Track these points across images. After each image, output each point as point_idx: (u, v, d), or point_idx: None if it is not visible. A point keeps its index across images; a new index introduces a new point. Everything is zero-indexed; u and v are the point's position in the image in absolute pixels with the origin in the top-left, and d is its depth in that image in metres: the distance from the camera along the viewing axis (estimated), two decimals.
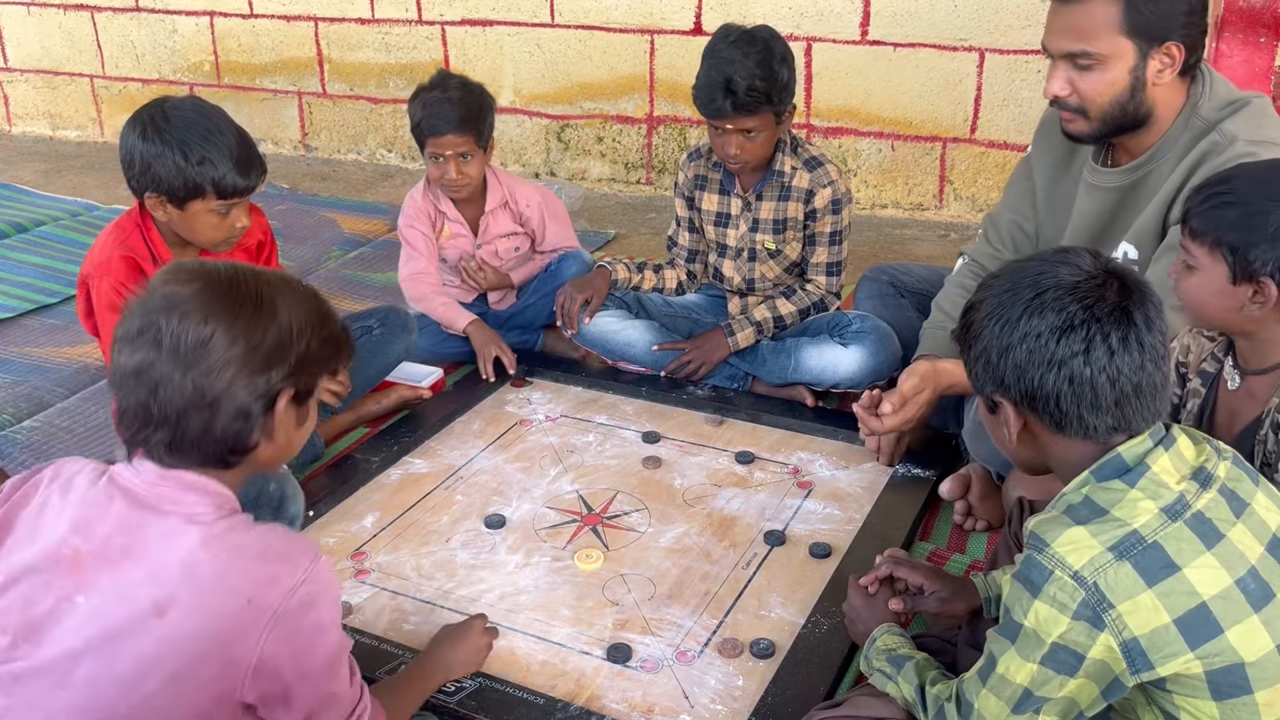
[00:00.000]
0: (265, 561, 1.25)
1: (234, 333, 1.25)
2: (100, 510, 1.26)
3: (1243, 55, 2.93)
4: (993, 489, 2.15)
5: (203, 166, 2.06)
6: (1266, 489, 1.27)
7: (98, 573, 1.23)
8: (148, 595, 1.21)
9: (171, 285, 1.27)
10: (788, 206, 2.66)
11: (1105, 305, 1.23)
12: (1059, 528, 1.20)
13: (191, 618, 1.21)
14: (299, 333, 1.30)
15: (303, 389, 1.33)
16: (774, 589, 1.99)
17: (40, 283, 3.57)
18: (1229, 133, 1.86)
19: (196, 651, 1.21)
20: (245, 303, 1.27)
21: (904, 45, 3.86)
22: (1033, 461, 1.36)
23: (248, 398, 1.26)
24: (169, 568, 1.22)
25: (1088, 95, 1.91)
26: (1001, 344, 1.26)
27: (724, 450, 2.45)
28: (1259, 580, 1.18)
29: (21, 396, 2.81)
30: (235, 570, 1.24)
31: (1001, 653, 1.24)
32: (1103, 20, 1.85)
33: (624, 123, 4.39)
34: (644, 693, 1.76)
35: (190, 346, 1.23)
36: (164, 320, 1.24)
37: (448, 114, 2.70)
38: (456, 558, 2.12)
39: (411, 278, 2.88)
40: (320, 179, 4.79)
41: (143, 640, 1.21)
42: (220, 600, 1.22)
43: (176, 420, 1.24)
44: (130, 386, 1.25)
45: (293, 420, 1.34)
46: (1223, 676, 1.17)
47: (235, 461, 1.30)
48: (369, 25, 4.71)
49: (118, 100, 5.38)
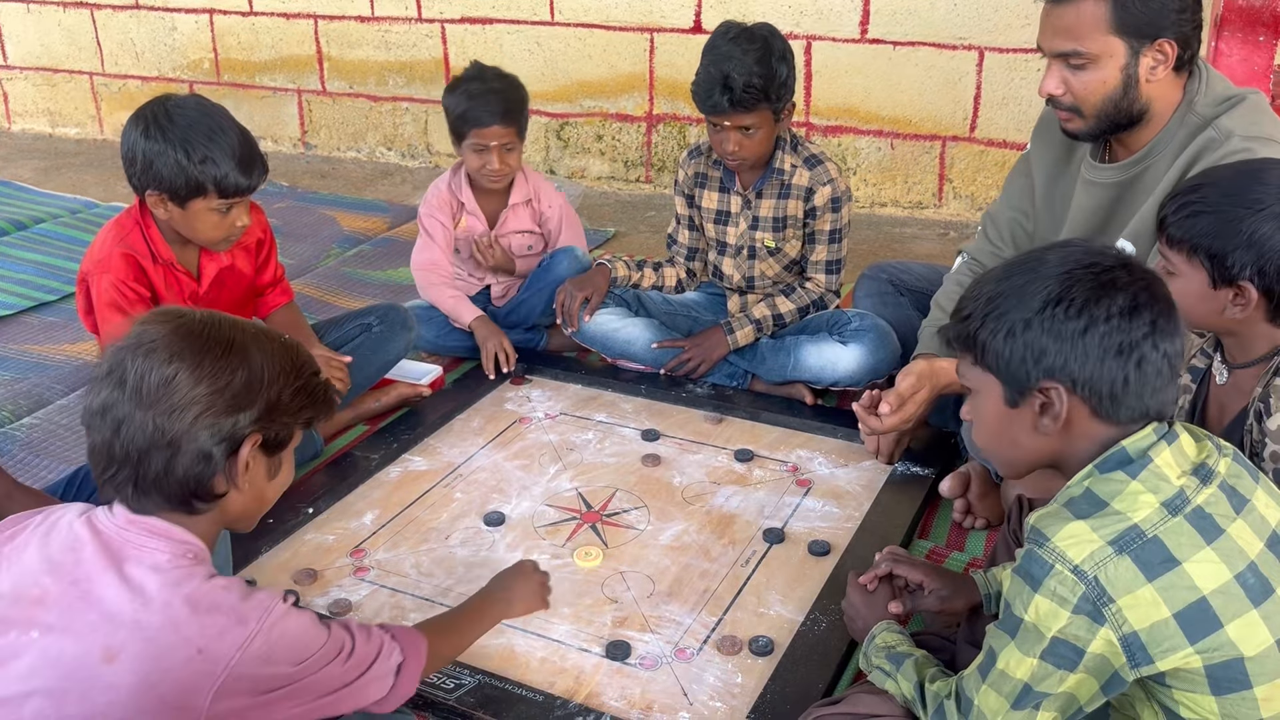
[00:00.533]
0: (216, 615, 1.23)
1: (199, 374, 1.25)
2: (73, 553, 1.26)
3: (1242, 54, 2.93)
4: (992, 487, 2.15)
5: (205, 165, 2.06)
6: (1266, 486, 1.28)
7: (58, 614, 1.23)
8: (99, 641, 1.20)
9: (145, 327, 1.28)
10: (787, 204, 2.66)
11: (1157, 286, 1.24)
12: (1059, 522, 1.20)
13: (140, 665, 1.20)
14: (270, 379, 1.29)
15: (272, 438, 1.31)
16: (773, 586, 1.99)
17: (40, 280, 3.57)
18: (1225, 129, 1.86)
19: (145, 701, 1.20)
20: (214, 346, 1.27)
21: (903, 44, 3.86)
22: (1043, 458, 1.32)
23: (209, 440, 1.25)
24: (122, 614, 1.21)
25: (1081, 94, 1.91)
26: (1067, 329, 1.22)
27: (723, 448, 2.46)
28: (1258, 575, 1.18)
29: (21, 394, 2.81)
30: (185, 620, 1.22)
31: (1001, 648, 1.24)
32: (1092, 19, 1.86)
33: (623, 121, 4.39)
34: (643, 690, 1.76)
35: (153, 386, 1.23)
36: (130, 360, 1.25)
37: (494, 105, 2.71)
38: (456, 555, 2.12)
39: (424, 266, 2.88)
40: (320, 177, 4.79)
41: (91, 686, 1.20)
42: (170, 650, 1.20)
43: (138, 460, 1.24)
44: (96, 425, 1.26)
45: (263, 470, 1.33)
46: (1222, 671, 1.17)
47: (201, 508, 1.29)
48: (368, 23, 4.71)
49: (117, 98, 5.38)
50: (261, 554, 2.11)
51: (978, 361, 1.31)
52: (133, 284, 2.18)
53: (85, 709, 1.20)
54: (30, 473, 2.46)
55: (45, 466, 2.48)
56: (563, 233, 2.99)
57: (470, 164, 2.81)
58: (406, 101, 4.79)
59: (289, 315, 2.54)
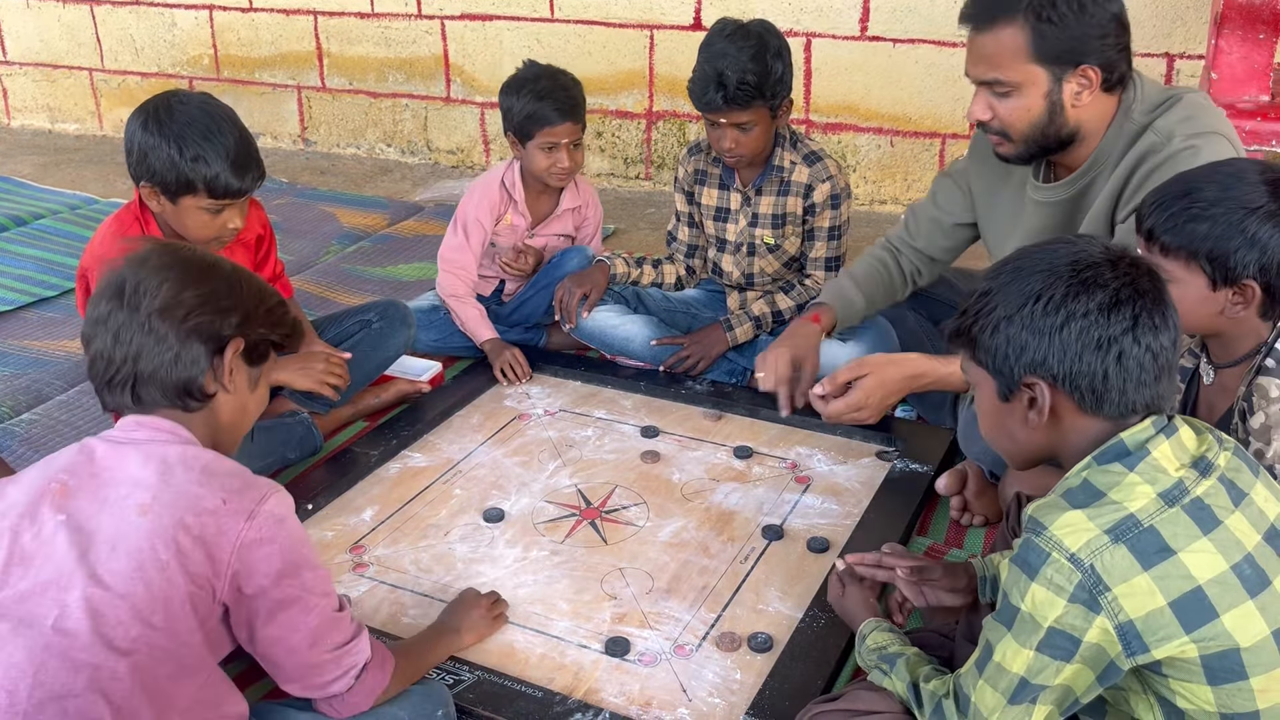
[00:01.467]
0: (234, 476, 1.39)
1: (186, 281, 1.42)
2: (86, 456, 1.40)
3: (1241, 52, 2.93)
4: (988, 485, 2.15)
5: (196, 164, 2.06)
6: (1266, 480, 1.28)
7: (83, 494, 1.35)
8: (131, 500, 1.33)
9: (140, 251, 1.45)
10: (787, 201, 2.66)
11: (1143, 282, 1.26)
12: (1056, 511, 1.22)
13: (173, 511, 1.33)
14: (247, 294, 1.47)
15: (251, 344, 1.47)
16: (772, 583, 2.00)
17: (39, 276, 3.57)
18: (1164, 130, 1.88)
19: (181, 542, 1.32)
20: (198, 261, 1.46)
21: (903, 41, 3.86)
22: (1041, 450, 1.35)
23: (197, 338, 1.41)
24: (148, 476, 1.35)
25: (1007, 120, 1.94)
26: (1045, 324, 1.25)
27: (722, 445, 2.46)
28: (1255, 567, 1.19)
29: (20, 389, 2.82)
30: (208, 478, 1.37)
31: (998, 640, 1.25)
32: (1011, 48, 1.87)
33: (623, 118, 4.39)
34: (642, 686, 1.76)
35: (146, 293, 1.40)
36: (127, 274, 1.42)
37: (563, 103, 2.70)
38: (455, 551, 2.12)
39: (453, 270, 2.84)
40: (319, 173, 4.79)
41: (133, 536, 1.31)
42: (196, 499, 1.34)
43: (136, 358, 1.39)
44: (98, 335, 1.41)
45: (245, 378, 1.49)
46: (1218, 661, 1.18)
47: (195, 406, 1.43)
48: (368, 19, 4.70)
49: (117, 94, 5.38)
50: None
51: (973, 357, 1.35)
52: None
53: (132, 561, 1.30)
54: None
55: None
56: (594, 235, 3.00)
57: (538, 163, 2.77)
58: (406, 98, 4.79)
59: None
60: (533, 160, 2.77)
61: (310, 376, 2.31)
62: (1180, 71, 3.60)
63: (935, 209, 2.36)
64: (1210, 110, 1.92)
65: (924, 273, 2.44)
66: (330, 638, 1.43)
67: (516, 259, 2.88)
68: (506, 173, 2.88)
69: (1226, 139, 1.88)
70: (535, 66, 2.78)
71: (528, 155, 2.77)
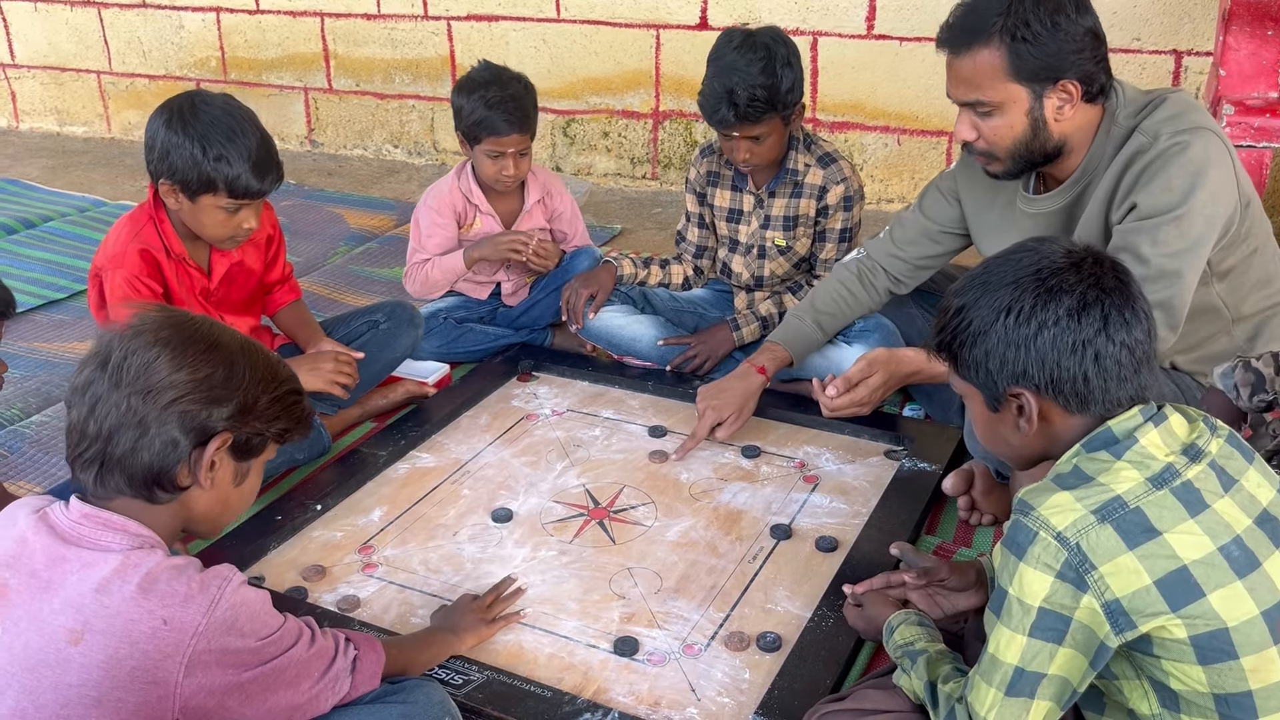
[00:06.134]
0: (176, 585, 1.25)
1: (179, 362, 1.28)
2: (28, 547, 1.27)
3: (1249, 48, 2.92)
4: (996, 484, 2.15)
5: (219, 163, 2.09)
6: (1261, 467, 1.30)
7: (20, 605, 1.25)
8: (63, 624, 1.22)
9: (138, 317, 1.32)
10: (800, 203, 2.66)
11: (1108, 280, 1.27)
12: (1045, 493, 1.24)
13: (106, 641, 1.21)
14: (248, 384, 1.32)
15: (243, 442, 1.34)
16: (780, 583, 1.99)
17: (48, 278, 3.58)
18: (1151, 130, 1.90)
19: (117, 677, 1.21)
20: (199, 340, 1.31)
21: (909, 39, 3.86)
22: (1037, 452, 1.37)
23: (178, 427, 1.28)
24: (84, 596, 1.23)
25: (991, 139, 1.96)
26: (1019, 336, 1.27)
27: (730, 444, 2.46)
28: (1243, 548, 1.20)
29: (30, 391, 2.83)
30: (146, 595, 1.23)
31: (992, 630, 1.26)
32: (989, 69, 1.89)
33: (630, 118, 4.39)
34: (650, 685, 1.76)
35: (133, 367, 1.27)
36: (117, 342, 1.29)
37: (512, 114, 2.67)
38: (463, 551, 2.13)
39: (414, 269, 2.90)
40: (326, 174, 4.80)
41: (62, 671, 1.21)
42: (134, 623, 1.22)
43: (108, 438, 1.27)
44: (75, 402, 1.29)
45: (229, 474, 1.35)
46: (1207, 641, 1.19)
47: (163, 497, 1.31)
48: (375, 20, 4.71)
49: (124, 96, 5.39)
50: (270, 551, 2.12)
51: (957, 372, 1.37)
52: (146, 279, 2.19)
53: (60, 696, 1.21)
54: (39, 470, 2.48)
55: (54, 464, 2.49)
56: (576, 226, 3.00)
57: (485, 170, 2.78)
58: (413, 99, 4.79)
59: (297, 313, 2.55)
60: (480, 164, 2.79)
61: (320, 376, 2.32)
62: (1188, 68, 3.60)
63: (924, 219, 2.36)
64: (1195, 107, 1.94)
65: (906, 282, 2.44)
66: (311, 675, 1.37)
67: (546, 256, 2.86)
68: (458, 179, 2.87)
69: (1214, 133, 1.90)
70: (489, 69, 2.74)
71: (475, 158, 2.79)
